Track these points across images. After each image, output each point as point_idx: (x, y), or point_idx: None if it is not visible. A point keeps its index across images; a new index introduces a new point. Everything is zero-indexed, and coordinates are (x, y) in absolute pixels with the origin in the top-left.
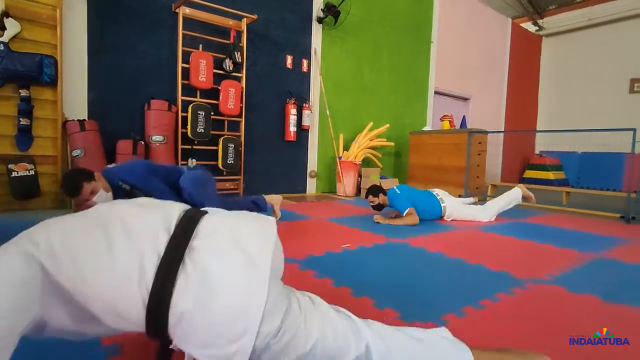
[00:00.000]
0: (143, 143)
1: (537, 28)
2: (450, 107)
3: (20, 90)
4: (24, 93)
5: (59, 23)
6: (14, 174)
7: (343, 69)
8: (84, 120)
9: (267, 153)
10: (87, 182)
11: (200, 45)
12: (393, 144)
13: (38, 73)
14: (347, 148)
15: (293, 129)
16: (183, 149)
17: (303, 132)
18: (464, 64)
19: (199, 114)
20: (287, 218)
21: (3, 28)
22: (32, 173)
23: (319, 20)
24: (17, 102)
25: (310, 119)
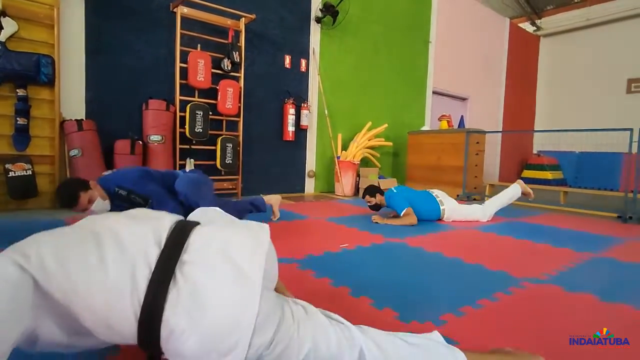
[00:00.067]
0: (141, 143)
1: (535, 28)
2: (449, 107)
3: (18, 90)
4: (21, 92)
5: (57, 22)
6: (11, 174)
7: (341, 69)
8: (82, 120)
9: (265, 153)
10: (83, 191)
11: (199, 45)
12: (391, 144)
13: (35, 72)
14: (345, 148)
15: (291, 129)
16: (181, 149)
17: (301, 132)
18: (462, 64)
19: (197, 114)
20: (285, 218)
21: (0, 27)
22: (29, 173)
23: (318, 20)
24: (14, 101)
25: (309, 119)
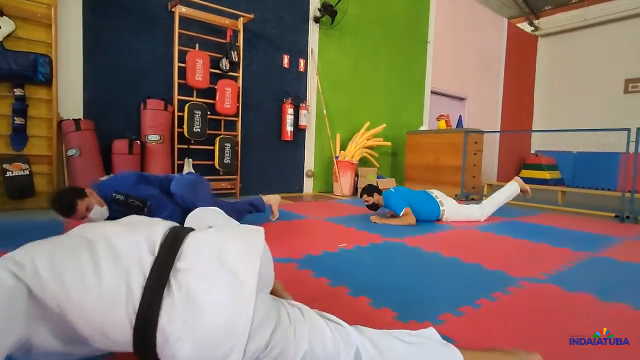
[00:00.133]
0: (139, 142)
1: (533, 28)
2: (447, 106)
3: (15, 90)
4: (19, 92)
5: (54, 22)
6: (9, 174)
7: (340, 69)
8: (80, 120)
9: (263, 153)
10: (80, 199)
11: (197, 45)
12: (390, 144)
13: (33, 72)
14: (344, 148)
15: (290, 129)
16: (179, 149)
17: (300, 131)
18: (461, 64)
19: (196, 114)
20: (284, 218)
21: None
22: (26, 173)
23: (316, 20)
24: (11, 101)
25: (307, 119)
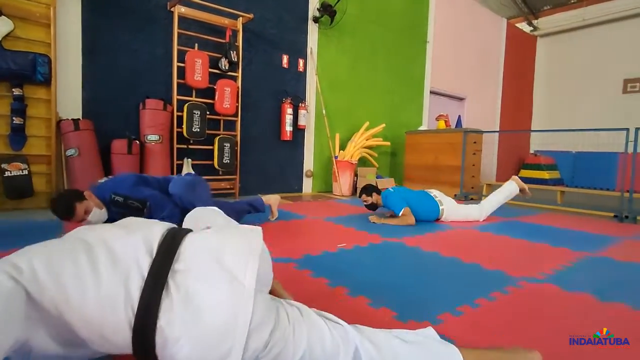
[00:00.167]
0: (138, 142)
1: (532, 28)
2: (446, 106)
3: (14, 89)
4: (17, 92)
5: (53, 21)
6: (7, 174)
7: (339, 69)
8: (79, 120)
9: (263, 152)
10: (79, 202)
11: (196, 44)
12: (389, 144)
13: (31, 72)
14: (343, 147)
15: (289, 129)
16: (178, 149)
17: (299, 131)
18: (460, 64)
19: (195, 113)
20: (283, 217)
21: None
22: (25, 173)
23: (315, 20)
24: (10, 101)
25: (306, 119)
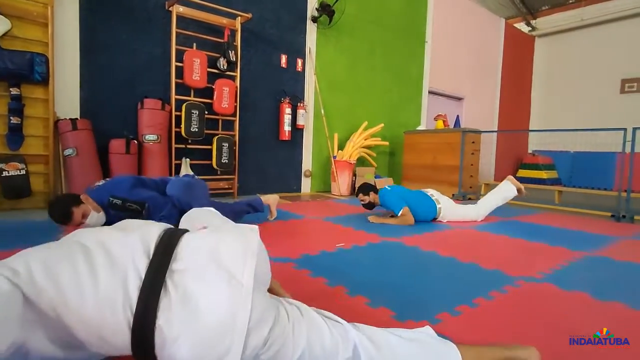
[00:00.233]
0: (136, 142)
1: (530, 28)
2: (444, 106)
3: (11, 89)
4: (15, 91)
5: (50, 21)
6: (5, 174)
7: (337, 69)
8: (76, 119)
9: (261, 152)
10: (76, 206)
11: (194, 44)
12: (387, 144)
13: (29, 71)
14: (341, 147)
15: (288, 128)
16: (177, 148)
17: (297, 131)
18: (458, 64)
19: (193, 113)
20: (281, 217)
21: None
22: (23, 172)
23: (314, 20)
24: (7, 100)
25: (305, 119)
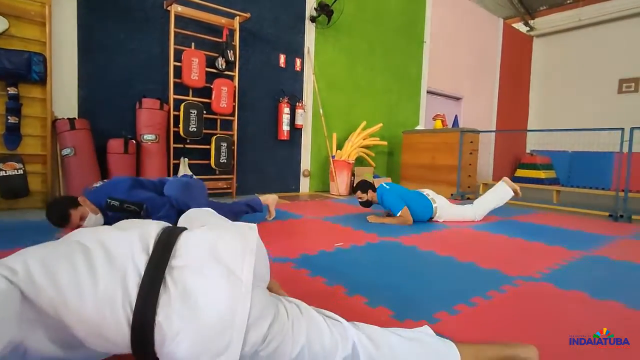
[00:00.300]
0: (134, 142)
1: (528, 28)
2: (443, 106)
3: (8, 88)
4: (12, 91)
5: (48, 20)
6: (2, 173)
7: (336, 68)
8: (74, 119)
9: (260, 152)
10: (73, 209)
11: (193, 44)
12: (386, 143)
13: (27, 71)
14: (340, 147)
15: (286, 128)
16: (175, 148)
17: (296, 131)
18: (457, 64)
19: (191, 113)
20: (280, 217)
21: None
22: (20, 172)
23: (312, 19)
24: (5, 100)
25: (304, 118)
